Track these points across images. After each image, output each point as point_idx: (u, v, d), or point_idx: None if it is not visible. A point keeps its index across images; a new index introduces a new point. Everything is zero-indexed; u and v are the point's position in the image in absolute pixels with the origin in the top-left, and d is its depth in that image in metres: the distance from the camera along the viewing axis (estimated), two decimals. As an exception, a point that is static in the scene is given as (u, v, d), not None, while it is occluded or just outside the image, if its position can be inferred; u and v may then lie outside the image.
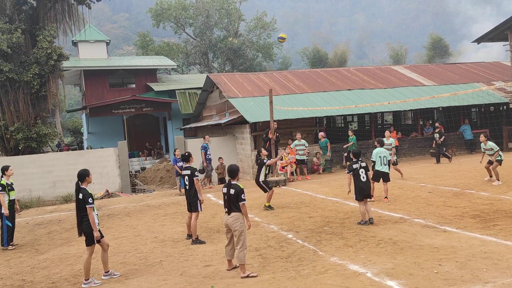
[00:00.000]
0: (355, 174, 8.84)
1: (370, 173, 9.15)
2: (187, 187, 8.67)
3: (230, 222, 6.58)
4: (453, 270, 5.95)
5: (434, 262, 6.31)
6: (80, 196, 6.63)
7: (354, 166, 8.89)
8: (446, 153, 17.86)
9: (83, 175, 6.76)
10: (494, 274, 5.71)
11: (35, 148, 20.31)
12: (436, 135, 17.88)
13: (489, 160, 12.53)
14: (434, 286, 5.46)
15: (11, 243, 9.45)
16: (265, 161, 11.22)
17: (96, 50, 32.86)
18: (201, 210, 8.63)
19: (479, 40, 24.03)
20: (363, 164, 8.92)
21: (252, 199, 12.39)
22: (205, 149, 15.77)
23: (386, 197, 10.85)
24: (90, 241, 6.67)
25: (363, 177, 8.82)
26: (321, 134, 17.68)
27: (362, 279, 5.86)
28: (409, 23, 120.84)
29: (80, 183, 6.73)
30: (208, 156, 15.75)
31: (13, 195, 9.52)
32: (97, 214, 6.77)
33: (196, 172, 8.62)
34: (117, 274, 6.96)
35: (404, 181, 13.62)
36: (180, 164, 15.87)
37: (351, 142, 17.92)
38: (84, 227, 6.65)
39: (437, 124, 18.50)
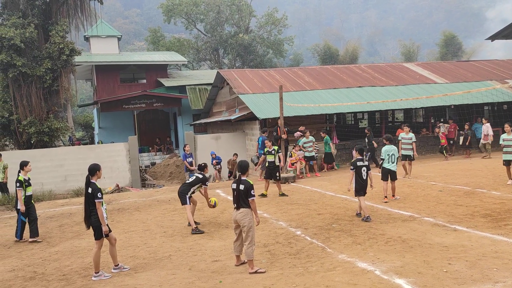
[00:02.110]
0: (358, 171, 9.03)
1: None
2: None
3: (239, 218, 6.59)
4: (463, 269, 5.90)
5: (443, 261, 6.26)
6: (89, 190, 6.67)
7: (358, 163, 9.05)
8: (376, 158, 16.90)
9: (94, 170, 6.81)
10: (505, 273, 5.65)
11: (47, 142, 20.56)
12: (366, 141, 17.20)
13: (504, 160, 11.70)
14: (444, 285, 5.42)
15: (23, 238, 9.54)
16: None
17: (108, 46, 33.13)
18: (189, 203, 9.18)
19: (493, 38, 23.71)
20: (366, 163, 9.19)
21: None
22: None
23: (393, 195, 10.77)
24: (98, 235, 6.73)
25: (364, 175, 9.06)
26: (297, 133, 17.33)
27: (371, 277, 5.84)
28: (421, 20, 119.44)
29: (90, 177, 6.78)
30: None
31: (29, 190, 9.48)
32: (105, 209, 6.82)
33: (207, 182, 9.53)
34: (127, 267, 7.03)
35: (414, 179, 13.52)
36: (190, 160, 15.97)
37: (330, 143, 17.64)
38: (93, 221, 6.72)
39: (366, 130, 17.65)
